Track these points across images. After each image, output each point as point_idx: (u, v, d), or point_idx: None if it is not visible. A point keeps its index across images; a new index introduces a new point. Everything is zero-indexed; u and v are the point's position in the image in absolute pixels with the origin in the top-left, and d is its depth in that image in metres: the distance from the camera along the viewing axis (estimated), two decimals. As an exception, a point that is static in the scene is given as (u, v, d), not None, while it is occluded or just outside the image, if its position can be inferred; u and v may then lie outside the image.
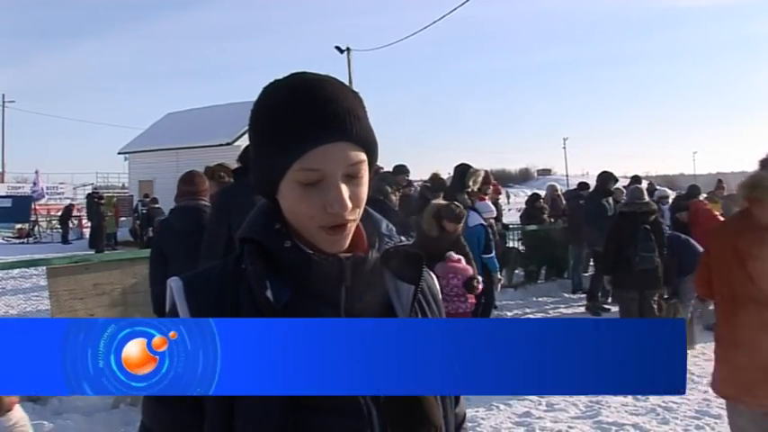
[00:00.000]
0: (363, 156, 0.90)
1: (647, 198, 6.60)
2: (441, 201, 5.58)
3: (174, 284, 0.91)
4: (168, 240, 4.17)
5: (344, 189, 0.87)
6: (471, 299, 5.18)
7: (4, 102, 42.10)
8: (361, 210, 0.92)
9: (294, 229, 0.92)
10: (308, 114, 0.86)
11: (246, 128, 0.96)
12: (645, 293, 6.20)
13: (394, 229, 0.99)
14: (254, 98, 0.93)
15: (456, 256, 5.07)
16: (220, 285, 0.92)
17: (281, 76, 0.93)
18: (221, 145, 21.84)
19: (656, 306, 6.30)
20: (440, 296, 1.07)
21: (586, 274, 9.80)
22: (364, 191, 0.91)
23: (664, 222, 7.09)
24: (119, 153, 27.63)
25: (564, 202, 10.95)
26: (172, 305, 0.91)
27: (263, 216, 0.94)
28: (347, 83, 1.00)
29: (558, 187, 12.25)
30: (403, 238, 0.98)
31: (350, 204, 0.88)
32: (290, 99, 0.88)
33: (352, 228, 0.92)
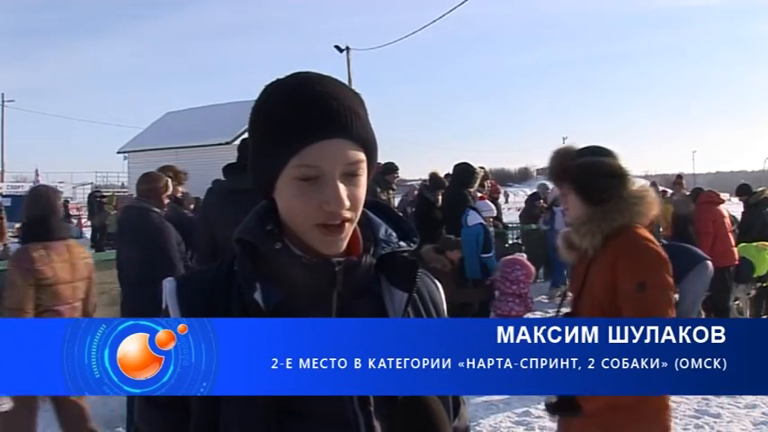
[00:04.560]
0: (362, 155, 0.88)
1: None
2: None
3: (167, 285, 0.92)
4: (117, 241, 4.36)
5: (342, 187, 0.85)
6: (523, 307, 5.71)
7: (3, 101, 42.06)
8: (359, 212, 0.90)
9: (289, 231, 0.91)
10: (308, 110, 0.85)
11: (246, 127, 0.96)
12: None
13: (394, 234, 0.96)
14: (255, 97, 0.93)
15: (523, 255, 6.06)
16: (213, 286, 0.91)
17: (281, 76, 0.91)
18: (221, 144, 21.83)
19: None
20: (443, 305, 1.04)
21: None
22: (362, 192, 0.89)
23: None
24: (118, 152, 27.65)
25: (544, 203, 11.04)
26: (165, 306, 0.91)
27: (257, 217, 0.94)
28: (347, 82, 0.99)
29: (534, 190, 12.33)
30: (402, 243, 0.96)
31: (347, 203, 0.86)
32: (291, 96, 0.87)
33: (349, 230, 0.89)
